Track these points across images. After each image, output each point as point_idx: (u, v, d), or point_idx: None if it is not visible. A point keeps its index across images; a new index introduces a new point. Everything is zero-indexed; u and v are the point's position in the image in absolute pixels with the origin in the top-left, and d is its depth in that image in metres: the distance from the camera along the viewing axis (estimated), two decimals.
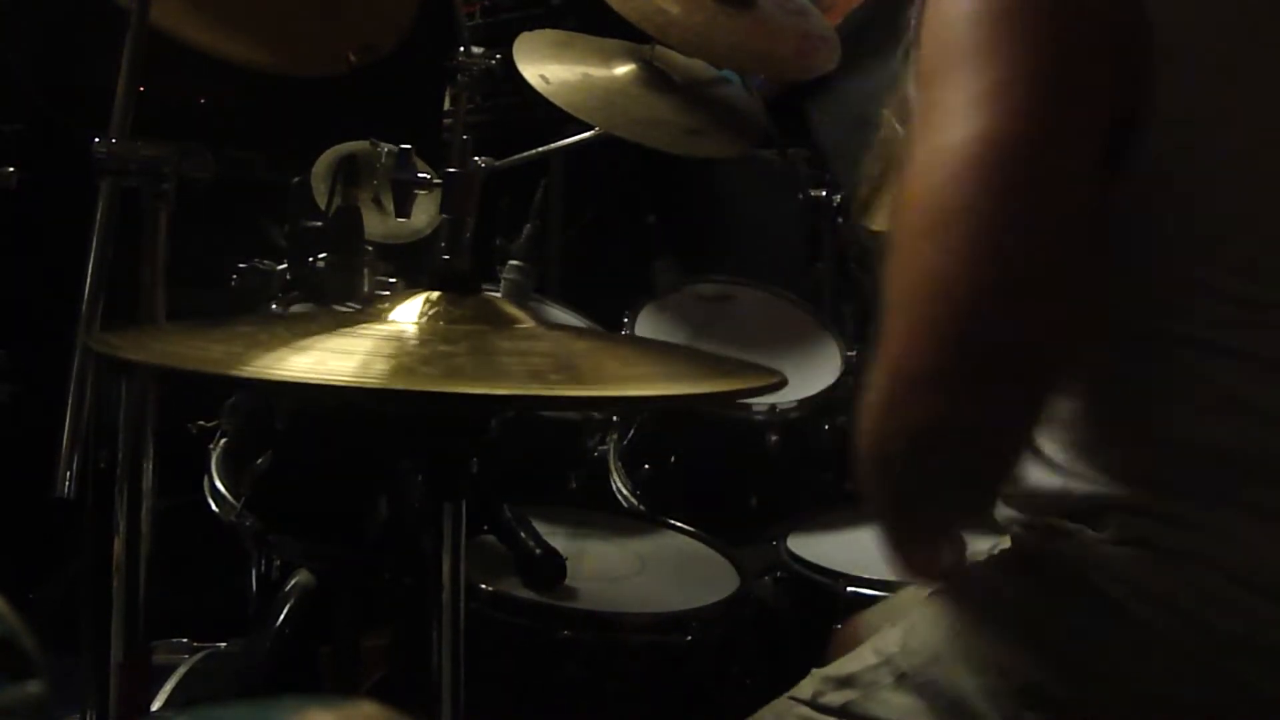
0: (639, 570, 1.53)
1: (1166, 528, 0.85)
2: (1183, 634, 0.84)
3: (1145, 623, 0.85)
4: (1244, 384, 0.85)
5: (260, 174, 2.15)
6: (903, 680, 0.95)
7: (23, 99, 2.54)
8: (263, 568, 1.71)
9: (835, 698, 0.99)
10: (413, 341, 0.93)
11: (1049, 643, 0.88)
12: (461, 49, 1.93)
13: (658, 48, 2.05)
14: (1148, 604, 0.85)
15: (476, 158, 1.86)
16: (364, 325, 0.96)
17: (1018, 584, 0.92)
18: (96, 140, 1.24)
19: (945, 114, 0.79)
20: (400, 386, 0.82)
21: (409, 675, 1.43)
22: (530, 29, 2.07)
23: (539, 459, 1.81)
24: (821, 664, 1.06)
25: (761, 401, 1.84)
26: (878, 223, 1.80)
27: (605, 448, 1.87)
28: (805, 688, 1.03)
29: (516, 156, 2.04)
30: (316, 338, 0.92)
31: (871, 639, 1.02)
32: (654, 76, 2.04)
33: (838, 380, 1.93)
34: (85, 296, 1.22)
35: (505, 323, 0.99)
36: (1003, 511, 0.99)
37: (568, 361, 0.96)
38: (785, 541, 1.63)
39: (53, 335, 1.35)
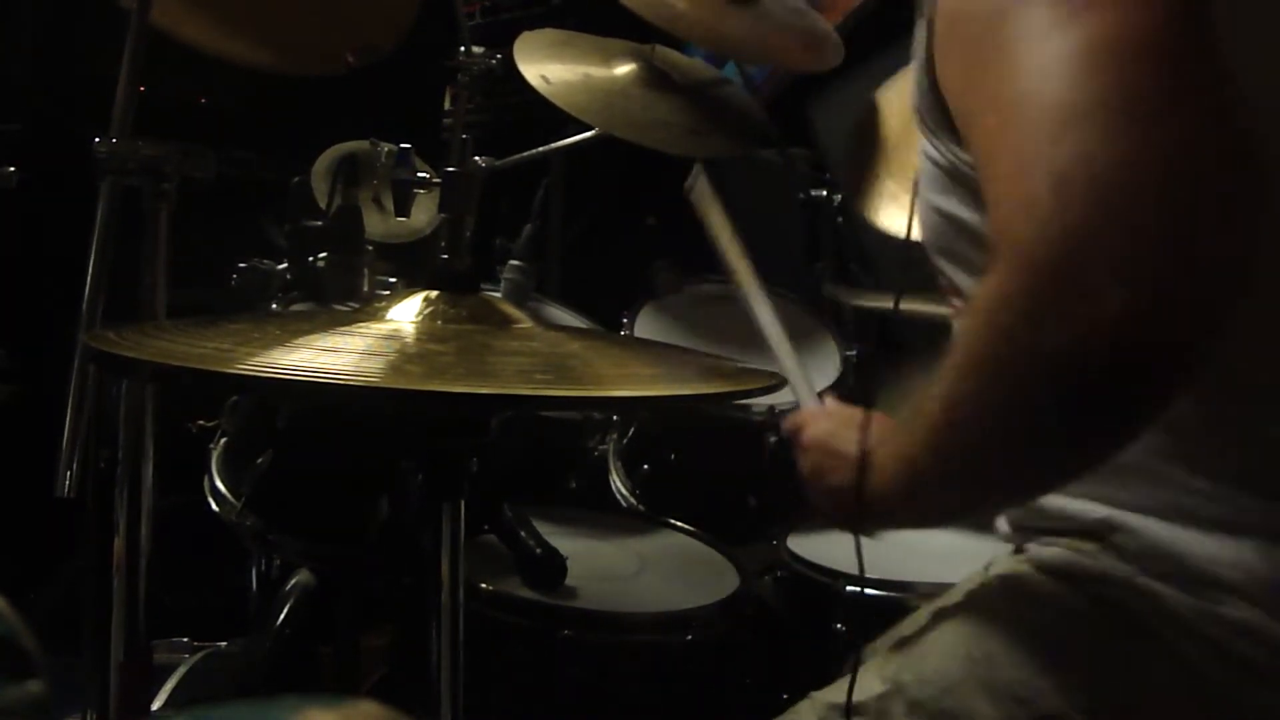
0: (639, 570, 1.53)
1: (1190, 552, 0.84)
2: (1210, 662, 0.82)
3: (1173, 649, 0.83)
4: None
5: (260, 174, 2.15)
6: (915, 710, 0.92)
7: (23, 99, 2.54)
8: (263, 567, 1.71)
9: None
10: (408, 340, 0.93)
11: (1072, 672, 0.86)
12: (461, 49, 1.93)
13: (658, 48, 2.06)
14: (1174, 630, 0.83)
15: (476, 158, 1.86)
16: (361, 324, 0.96)
17: (1038, 610, 0.90)
18: (97, 140, 1.24)
19: (1034, 35, 0.73)
20: (393, 386, 0.82)
21: (409, 675, 1.43)
22: (530, 29, 2.07)
23: (539, 459, 1.81)
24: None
25: (760, 402, 1.84)
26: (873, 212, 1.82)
27: (605, 448, 1.87)
28: (806, 714, 1.01)
29: (516, 156, 2.04)
30: (308, 336, 0.91)
31: (877, 663, 0.99)
32: (654, 77, 2.04)
33: (837, 380, 1.93)
34: (86, 296, 1.22)
35: (503, 323, 0.99)
36: (1014, 527, 0.98)
37: (565, 362, 0.97)
38: (785, 541, 1.63)
39: (53, 335, 1.35)
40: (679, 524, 1.67)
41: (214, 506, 1.61)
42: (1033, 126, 0.71)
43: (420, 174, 1.80)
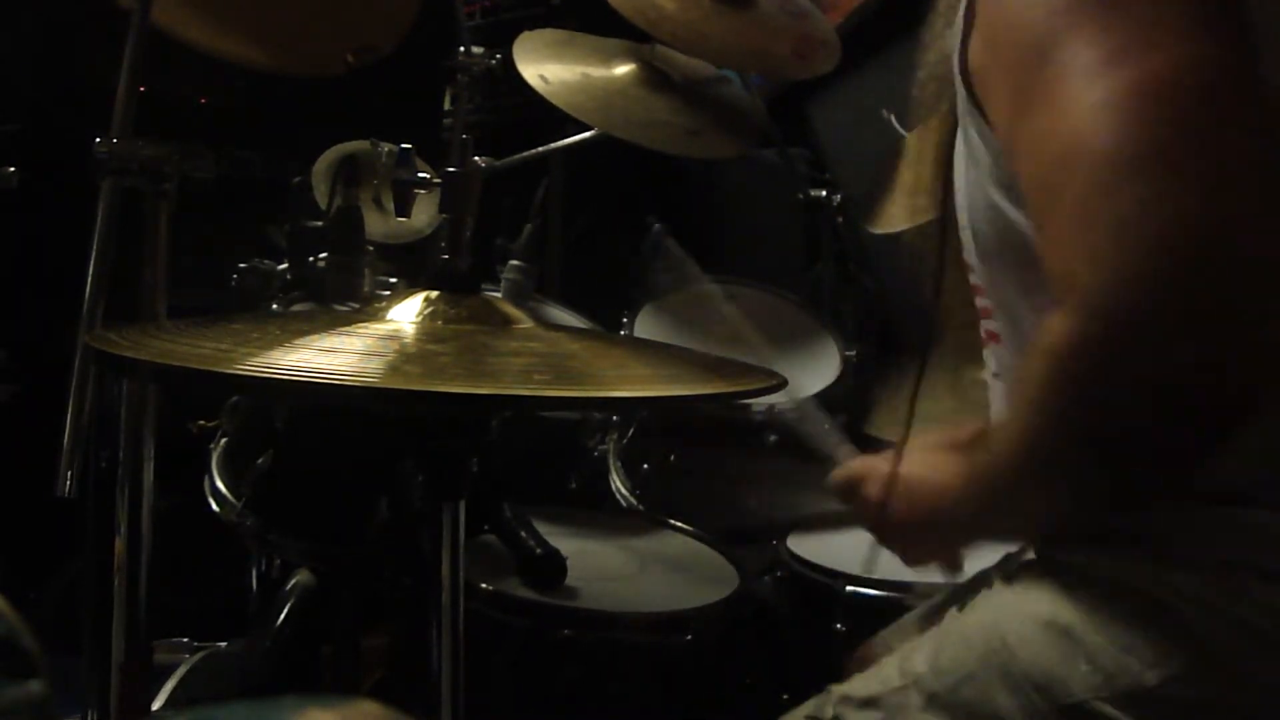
0: (639, 570, 1.53)
1: (1205, 529, 0.85)
2: (1230, 635, 0.82)
3: (1193, 628, 0.83)
4: None
5: (260, 174, 2.15)
6: (933, 701, 0.92)
7: (23, 99, 2.54)
8: (263, 567, 1.72)
9: (858, 718, 0.97)
10: (408, 341, 0.93)
11: (1092, 658, 0.85)
12: (461, 49, 1.93)
13: (658, 47, 2.05)
14: (1194, 608, 0.83)
15: (476, 158, 1.86)
16: (361, 324, 0.96)
17: (1054, 600, 0.89)
18: (97, 140, 1.24)
19: (1084, 73, 0.76)
20: (393, 386, 0.82)
21: (409, 675, 1.43)
22: (530, 29, 2.07)
23: (539, 459, 1.81)
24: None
25: (761, 402, 1.84)
26: (881, 225, 1.81)
27: (605, 448, 1.87)
28: (824, 709, 1.01)
29: (516, 156, 2.04)
30: (308, 336, 0.91)
31: (894, 658, 0.99)
32: (654, 77, 2.04)
33: (837, 380, 1.93)
34: (86, 296, 1.22)
35: (503, 323, 0.99)
36: None
37: (565, 362, 0.97)
38: (785, 541, 1.63)
39: (53, 335, 1.35)
40: (679, 524, 1.67)
41: (214, 506, 1.62)
42: (1087, 175, 0.74)
43: (420, 174, 1.80)
